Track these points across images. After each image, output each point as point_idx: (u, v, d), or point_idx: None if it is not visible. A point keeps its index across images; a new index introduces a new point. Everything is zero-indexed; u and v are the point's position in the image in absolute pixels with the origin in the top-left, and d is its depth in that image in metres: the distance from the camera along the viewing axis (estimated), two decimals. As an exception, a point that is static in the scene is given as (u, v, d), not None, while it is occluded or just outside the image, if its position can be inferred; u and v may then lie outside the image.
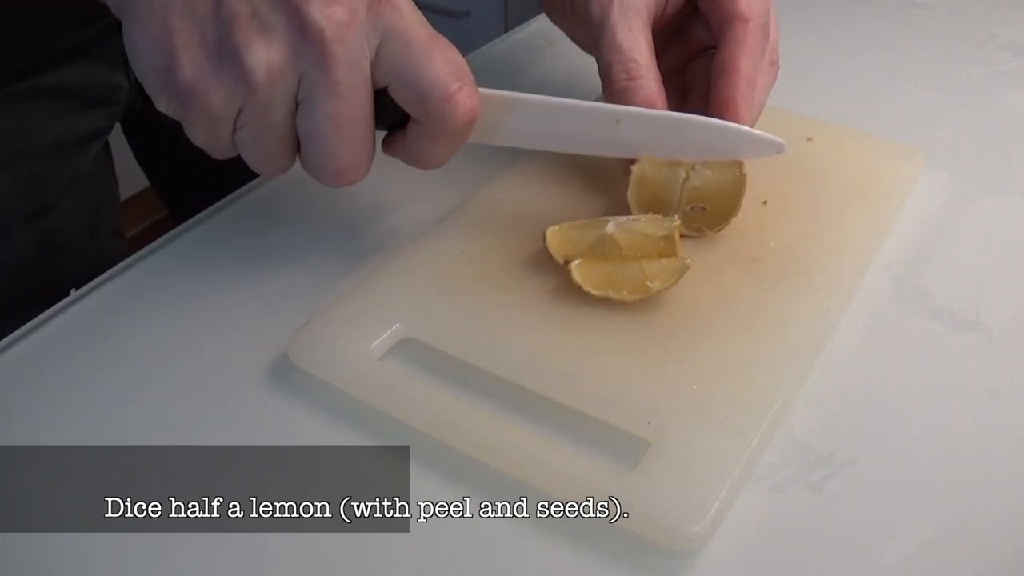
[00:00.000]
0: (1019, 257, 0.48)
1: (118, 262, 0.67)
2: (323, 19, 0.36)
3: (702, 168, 0.45)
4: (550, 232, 0.42)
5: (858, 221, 0.47)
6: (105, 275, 0.47)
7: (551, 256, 0.42)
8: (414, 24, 0.38)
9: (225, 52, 0.36)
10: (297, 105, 0.38)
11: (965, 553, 0.34)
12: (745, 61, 0.45)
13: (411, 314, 0.41)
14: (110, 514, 0.35)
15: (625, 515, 0.33)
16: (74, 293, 0.46)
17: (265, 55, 0.36)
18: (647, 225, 0.42)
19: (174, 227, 0.50)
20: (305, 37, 0.36)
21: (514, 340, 0.40)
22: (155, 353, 0.42)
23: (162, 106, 0.38)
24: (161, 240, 0.49)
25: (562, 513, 0.35)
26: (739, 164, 0.44)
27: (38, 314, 0.44)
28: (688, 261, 0.41)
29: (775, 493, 0.36)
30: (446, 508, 0.35)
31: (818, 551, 0.34)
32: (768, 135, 0.44)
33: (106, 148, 0.66)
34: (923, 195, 0.51)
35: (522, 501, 0.35)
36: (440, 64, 0.38)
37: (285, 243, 0.49)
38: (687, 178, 0.45)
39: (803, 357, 0.40)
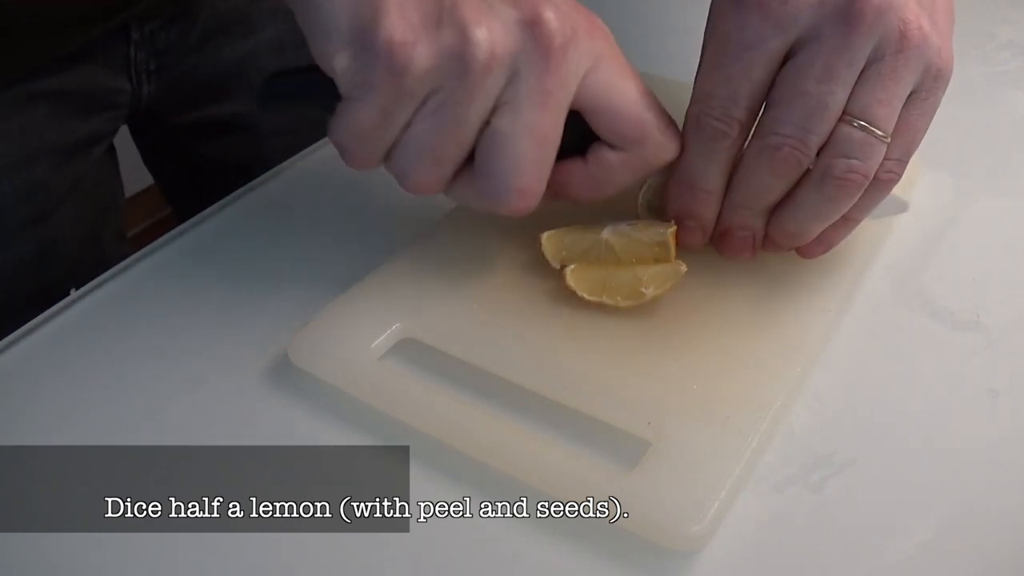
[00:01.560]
0: (1019, 257, 0.48)
1: None
2: (555, 22, 0.34)
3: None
4: (546, 237, 0.42)
5: (858, 221, 0.47)
6: (105, 275, 0.47)
7: (547, 261, 0.42)
8: (620, 55, 0.37)
9: (447, 21, 0.33)
10: (491, 113, 0.35)
11: (965, 553, 0.34)
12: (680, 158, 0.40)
13: (411, 314, 0.41)
14: (110, 514, 0.35)
15: (625, 515, 0.33)
16: (74, 293, 0.46)
17: (493, 36, 0.33)
18: (643, 231, 0.42)
19: (174, 227, 0.50)
20: (534, 34, 0.34)
21: (514, 340, 0.40)
22: (155, 353, 0.42)
23: (340, 63, 0.34)
24: (161, 240, 0.49)
25: (562, 513, 0.35)
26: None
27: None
28: (683, 267, 0.40)
29: (775, 493, 0.36)
30: (446, 508, 0.35)
31: (818, 551, 0.34)
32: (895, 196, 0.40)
33: (110, 151, 0.66)
34: (923, 195, 0.51)
35: (522, 501, 0.35)
36: (649, 97, 0.38)
37: (285, 243, 0.49)
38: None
39: (803, 357, 0.39)
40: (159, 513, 0.35)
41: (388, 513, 0.35)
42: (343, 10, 0.33)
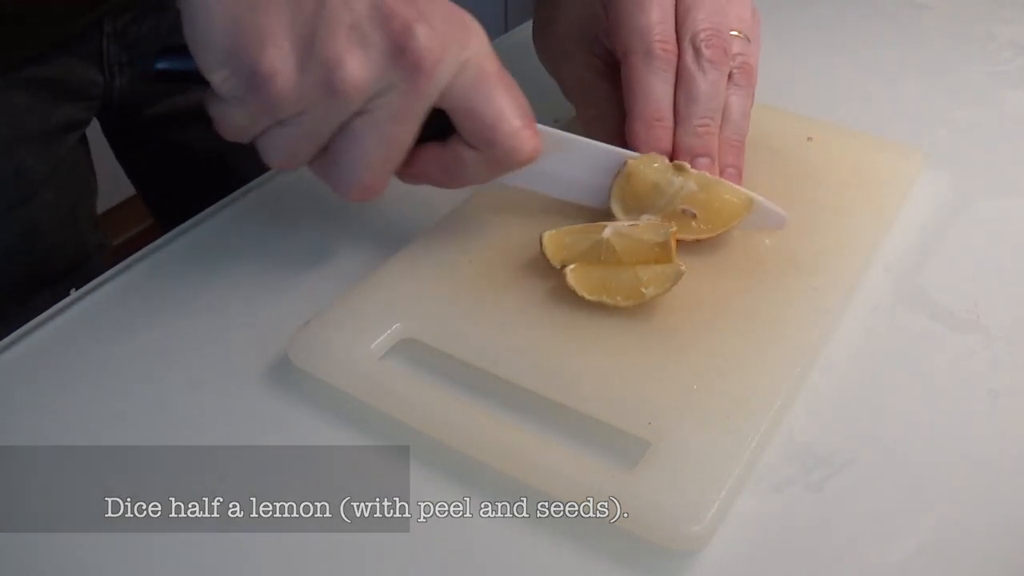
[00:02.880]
0: (1019, 257, 0.48)
1: (99, 252, 0.68)
2: (424, 49, 0.35)
3: (712, 177, 0.45)
4: (546, 236, 0.42)
5: (858, 221, 0.47)
6: (105, 275, 0.47)
7: (547, 260, 0.42)
8: (492, 58, 0.39)
9: (317, 54, 0.35)
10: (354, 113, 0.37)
11: (965, 553, 0.34)
12: (635, 98, 0.45)
13: (411, 314, 0.41)
14: (110, 514, 0.35)
15: (625, 515, 0.33)
16: (74, 293, 0.46)
17: (358, 71, 0.35)
18: (644, 231, 0.42)
19: (164, 232, 0.50)
20: (401, 63, 0.35)
21: (514, 340, 0.40)
22: (155, 353, 0.42)
23: (216, 79, 0.36)
24: (161, 240, 0.49)
25: (562, 513, 0.35)
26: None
27: (24, 302, 0.44)
28: (682, 267, 0.40)
29: (775, 493, 0.36)
30: (446, 508, 0.35)
31: (818, 551, 0.34)
32: (770, 207, 0.45)
33: (83, 140, 0.67)
34: (923, 195, 0.51)
35: (522, 501, 0.35)
36: (509, 99, 0.39)
37: (285, 243, 0.49)
38: (683, 186, 0.44)
39: (803, 357, 0.40)
40: (159, 513, 0.35)
41: (388, 513, 0.35)
42: (221, 31, 0.35)
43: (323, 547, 0.34)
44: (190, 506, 0.35)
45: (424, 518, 0.35)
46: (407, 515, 0.35)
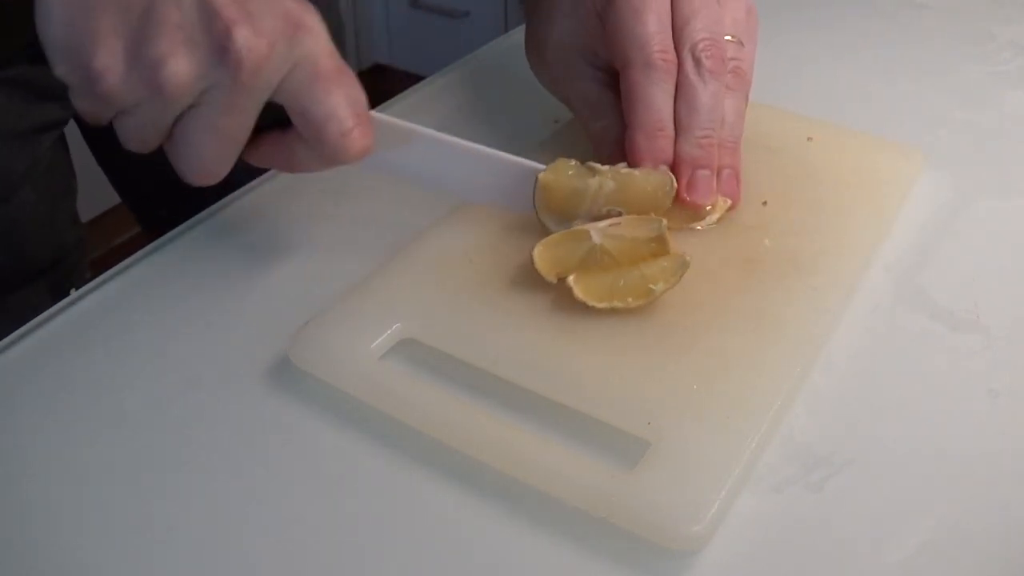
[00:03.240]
0: (1019, 257, 0.48)
1: (77, 248, 0.68)
2: (244, 49, 0.37)
3: (627, 169, 0.44)
4: (536, 253, 0.42)
5: (858, 221, 0.47)
6: (105, 275, 0.47)
7: (542, 277, 0.41)
8: (325, 55, 0.40)
9: (144, 53, 0.36)
10: (189, 107, 0.38)
11: (965, 553, 0.34)
12: (635, 109, 0.45)
13: (411, 314, 0.41)
14: (110, 514, 0.35)
15: (625, 515, 0.33)
16: (74, 293, 0.46)
17: (182, 70, 0.36)
18: (632, 228, 0.42)
19: (149, 238, 0.50)
20: (223, 61, 0.37)
21: (514, 340, 0.40)
22: (155, 353, 0.42)
23: (58, 72, 0.38)
24: (161, 240, 0.49)
25: (562, 513, 0.35)
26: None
27: (4, 298, 0.45)
28: (687, 257, 0.40)
29: (775, 493, 0.36)
30: (446, 508, 0.35)
31: (818, 551, 0.34)
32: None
33: (62, 140, 0.67)
34: (923, 195, 0.51)
35: (522, 501, 0.35)
36: (342, 99, 0.40)
37: (285, 243, 0.49)
38: (601, 186, 0.44)
39: (803, 357, 0.40)
40: (159, 513, 0.35)
41: (388, 513, 0.35)
42: (59, 31, 0.37)
43: (323, 547, 0.34)
44: (190, 506, 0.35)
45: (424, 518, 0.35)
46: (407, 515, 0.35)
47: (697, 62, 0.46)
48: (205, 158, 0.40)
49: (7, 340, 0.43)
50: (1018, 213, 0.51)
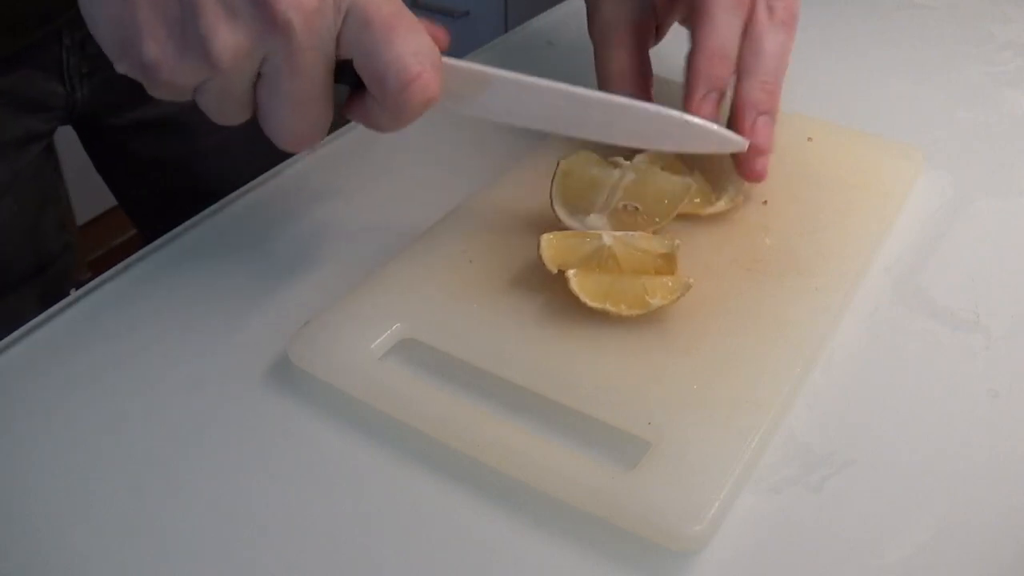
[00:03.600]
0: (1019, 257, 0.48)
1: (63, 253, 0.68)
2: (291, 9, 0.36)
3: (648, 164, 0.44)
4: (544, 240, 0.42)
5: (858, 221, 0.47)
6: (105, 275, 0.47)
7: (544, 264, 0.41)
8: (377, 1, 0.38)
9: (190, 34, 0.36)
10: (259, 75, 0.38)
11: (965, 553, 0.34)
12: (704, 30, 0.46)
13: (411, 314, 0.41)
14: (110, 514, 0.35)
15: (625, 515, 0.33)
16: (74, 293, 0.46)
17: (231, 41, 0.36)
18: (646, 241, 0.42)
19: (145, 241, 0.50)
20: (271, 25, 0.36)
21: (514, 340, 0.40)
22: (155, 353, 0.42)
23: (122, 70, 0.38)
24: (160, 241, 0.49)
25: (562, 513, 0.35)
26: (691, 176, 0.44)
27: None
28: (691, 281, 0.40)
29: (775, 493, 0.36)
30: (446, 508, 0.35)
31: (818, 551, 0.34)
32: (727, 133, 0.45)
33: (49, 148, 0.67)
34: (923, 195, 0.51)
35: (522, 501, 0.35)
36: (400, 47, 0.38)
37: (285, 243, 0.49)
38: (622, 177, 0.44)
39: (803, 357, 0.40)
40: (159, 513, 0.35)
41: (389, 513, 0.35)
42: (107, 30, 0.36)
43: (323, 546, 0.34)
44: (190, 506, 0.35)
45: (424, 518, 0.35)
46: (407, 515, 0.35)
47: (771, 9, 0.46)
48: (287, 125, 0.39)
49: (7, 340, 0.43)
50: (1018, 213, 0.51)
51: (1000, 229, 0.50)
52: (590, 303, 0.40)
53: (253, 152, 0.51)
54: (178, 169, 0.67)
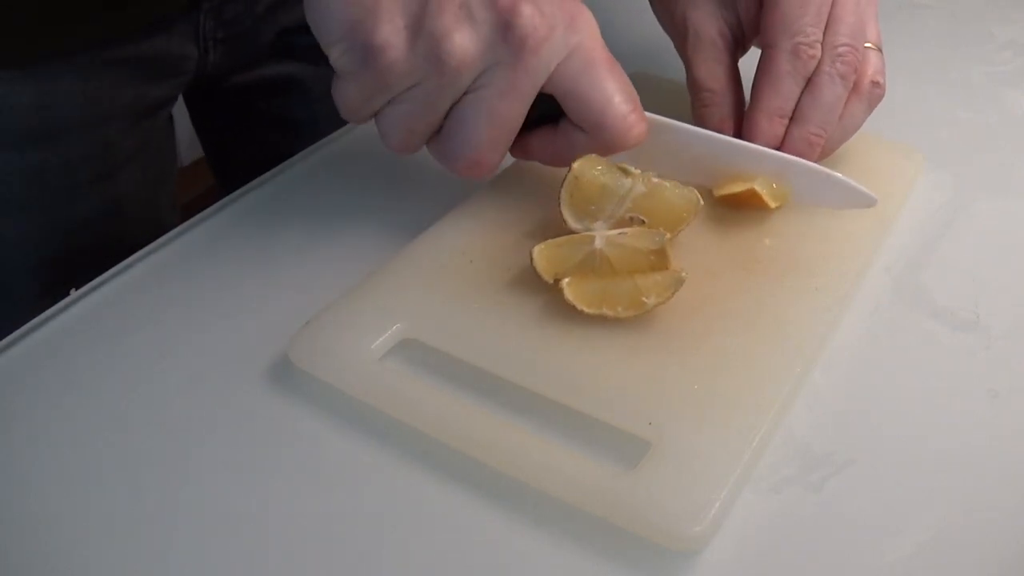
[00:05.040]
0: (1019, 257, 0.48)
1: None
2: (530, 27, 0.37)
3: (658, 179, 0.44)
4: (536, 252, 0.42)
5: (858, 221, 0.47)
6: (105, 275, 0.47)
7: (539, 276, 0.41)
8: (600, 45, 0.41)
9: (426, 29, 0.37)
10: (465, 91, 0.39)
11: (965, 553, 0.34)
12: (767, 90, 0.47)
13: (411, 314, 0.41)
14: (110, 514, 0.35)
15: (625, 515, 0.33)
16: (74, 293, 0.46)
17: (465, 44, 0.37)
18: (636, 239, 0.42)
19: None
20: (507, 38, 0.37)
21: (515, 340, 0.40)
22: (155, 353, 0.42)
23: (333, 54, 0.38)
24: (161, 240, 0.49)
25: (562, 513, 0.35)
26: (698, 192, 0.44)
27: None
28: (683, 274, 0.40)
29: (775, 493, 0.36)
30: (446, 508, 0.35)
31: (818, 551, 0.34)
32: (859, 188, 0.45)
33: (170, 119, 0.68)
34: (923, 195, 0.51)
35: (522, 501, 0.35)
36: (619, 85, 0.41)
37: (285, 243, 0.49)
38: (632, 187, 0.44)
39: (803, 357, 0.40)
40: (159, 513, 0.35)
41: (388, 513, 0.35)
42: (341, 9, 0.37)
43: (323, 546, 0.34)
44: (190, 506, 0.35)
45: (425, 518, 0.35)
46: (407, 515, 0.35)
47: (833, 61, 0.47)
48: (480, 145, 0.40)
49: (7, 340, 0.43)
50: (1018, 213, 0.51)
51: (1000, 229, 0.50)
52: (587, 310, 0.40)
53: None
54: (292, 132, 0.67)
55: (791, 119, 0.47)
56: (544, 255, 0.42)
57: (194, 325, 0.43)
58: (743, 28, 0.50)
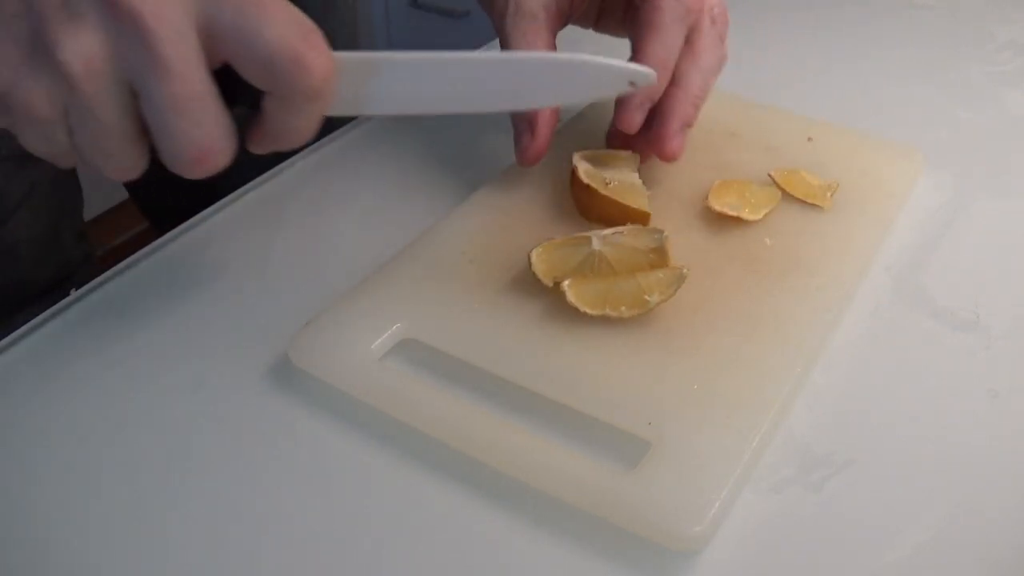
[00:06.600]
0: (1019, 257, 0.48)
1: (83, 265, 0.67)
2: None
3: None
4: (535, 255, 0.42)
5: (859, 221, 0.47)
6: (105, 275, 0.47)
7: (539, 279, 0.41)
8: None
9: (38, 48, 0.33)
10: (136, 97, 0.34)
11: (965, 553, 0.34)
12: (653, 41, 0.45)
13: (411, 314, 0.41)
14: (110, 514, 0.35)
15: (625, 515, 0.33)
16: (74, 293, 0.46)
17: (79, 45, 0.32)
18: (633, 238, 0.42)
19: (156, 235, 0.50)
20: (119, 17, 0.32)
21: (515, 340, 0.40)
22: (155, 353, 0.42)
23: None
24: (161, 240, 0.49)
25: (562, 513, 0.35)
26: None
27: (4, 321, 0.44)
28: (685, 271, 0.40)
29: (775, 493, 0.36)
30: (446, 508, 0.35)
31: (818, 551, 0.34)
32: (634, 66, 0.41)
33: None
34: (923, 195, 0.51)
35: (522, 501, 0.35)
36: (282, 24, 0.34)
37: (285, 244, 0.49)
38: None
39: (803, 357, 0.40)
40: (159, 512, 0.35)
41: (388, 513, 0.35)
42: None
43: (323, 546, 0.34)
44: (190, 506, 0.35)
45: (424, 518, 0.35)
46: (407, 515, 0.35)
47: (713, 21, 0.46)
48: (184, 138, 0.35)
49: (7, 340, 0.43)
50: (1018, 213, 0.51)
51: (1000, 229, 0.50)
52: (590, 311, 0.40)
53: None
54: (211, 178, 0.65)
55: (675, 83, 0.46)
56: (543, 258, 0.42)
57: (194, 325, 0.43)
58: (566, 2, 0.48)
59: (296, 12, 0.35)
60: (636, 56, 0.46)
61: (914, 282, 0.46)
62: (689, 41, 0.46)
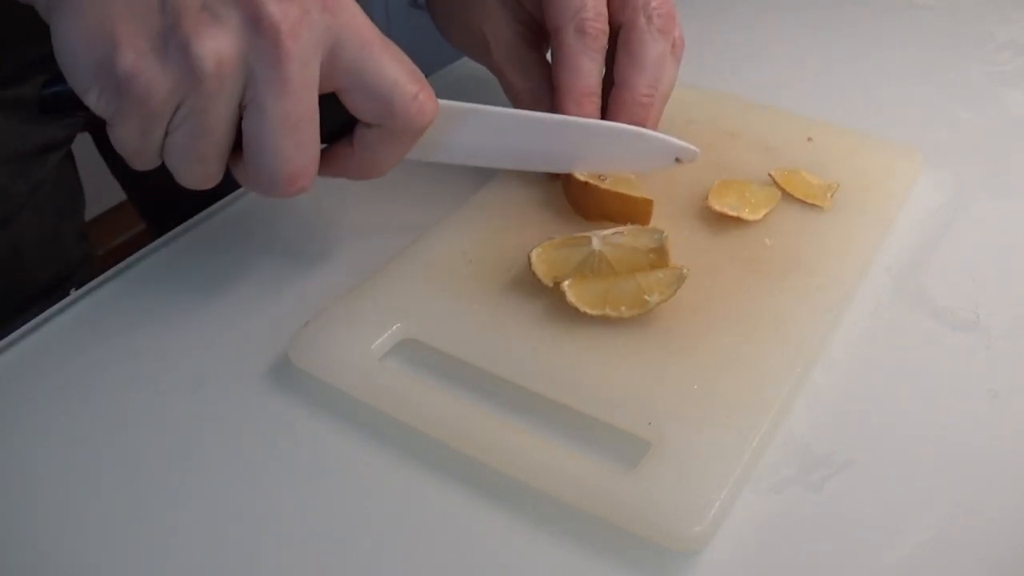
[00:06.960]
0: (1019, 257, 0.48)
1: (83, 266, 0.67)
2: (279, 13, 0.34)
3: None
4: (535, 255, 0.42)
5: (858, 221, 0.47)
6: (105, 275, 0.47)
7: (539, 280, 0.41)
8: (368, 25, 0.38)
9: (171, 41, 0.34)
10: (241, 109, 0.36)
11: (965, 553, 0.34)
12: (566, 76, 0.46)
13: (411, 314, 0.41)
14: (110, 514, 0.35)
15: (625, 515, 0.33)
16: (74, 293, 0.46)
17: (215, 45, 0.34)
18: (633, 238, 0.42)
19: (155, 237, 0.50)
20: (259, 30, 0.34)
21: (515, 340, 0.40)
22: (155, 353, 0.42)
23: (92, 100, 0.35)
24: (161, 240, 0.49)
25: (562, 513, 0.35)
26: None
27: (6, 322, 0.44)
28: (685, 271, 0.40)
29: (775, 493, 0.36)
30: (446, 508, 0.35)
31: (818, 551, 0.34)
32: (676, 141, 0.46)
33: (68, 157, 0.66)
34: (923, 195, 0.51)
35: (522, 501, 0.35)
36: (399, 63, 0.38)
37: (285, 243, 0.49)
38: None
39: (803, 357, 0.40)
40: (159, 512, 0.35)
41: (388, 513, 0.35)
42: (80, 48, 0.35)
43: (323, 546, 0.34)
44: (190, 506, 0.35)
45: (425, 518, 0.35)
46: (407, 515, 0.35)
47: (649, 19, 0.46)
48: (286, 156, 0.37)
49: (7, 340, 0.43)
50: (1018, 213, 0.51)
51: (1000, 229, 0.50)
52: (590, 311, 0.40)
53: None
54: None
55: (618, 86, 0.46)
56: (542, 258, 0.42)
57: (194, 325, 0.43)
58: (539, 24, 0.49)
59: (408, 60, 0.39)
60: (557, 95, 0.47)
61: (914, 282, 0.46)
62: (623, 37, 0.46)
